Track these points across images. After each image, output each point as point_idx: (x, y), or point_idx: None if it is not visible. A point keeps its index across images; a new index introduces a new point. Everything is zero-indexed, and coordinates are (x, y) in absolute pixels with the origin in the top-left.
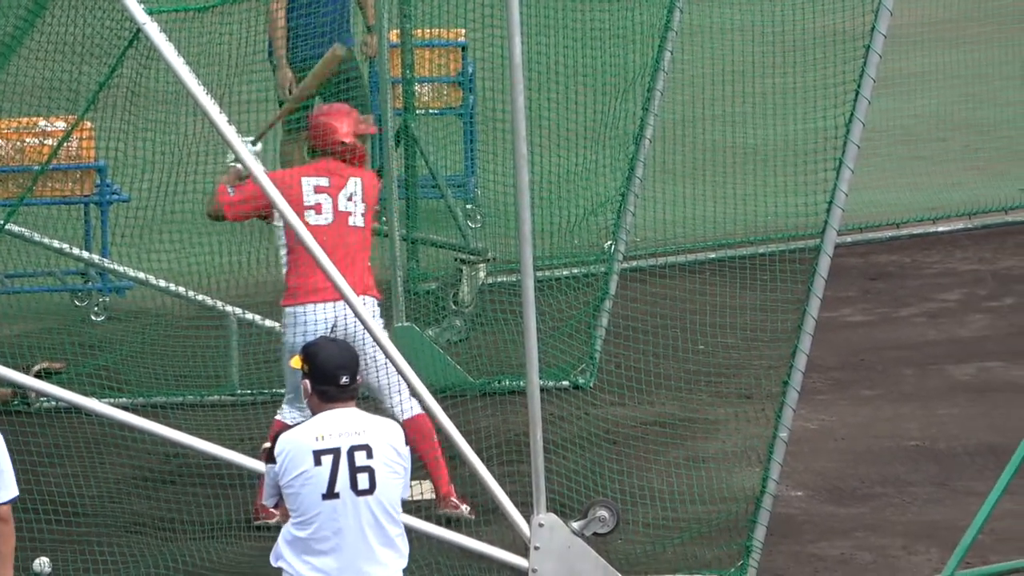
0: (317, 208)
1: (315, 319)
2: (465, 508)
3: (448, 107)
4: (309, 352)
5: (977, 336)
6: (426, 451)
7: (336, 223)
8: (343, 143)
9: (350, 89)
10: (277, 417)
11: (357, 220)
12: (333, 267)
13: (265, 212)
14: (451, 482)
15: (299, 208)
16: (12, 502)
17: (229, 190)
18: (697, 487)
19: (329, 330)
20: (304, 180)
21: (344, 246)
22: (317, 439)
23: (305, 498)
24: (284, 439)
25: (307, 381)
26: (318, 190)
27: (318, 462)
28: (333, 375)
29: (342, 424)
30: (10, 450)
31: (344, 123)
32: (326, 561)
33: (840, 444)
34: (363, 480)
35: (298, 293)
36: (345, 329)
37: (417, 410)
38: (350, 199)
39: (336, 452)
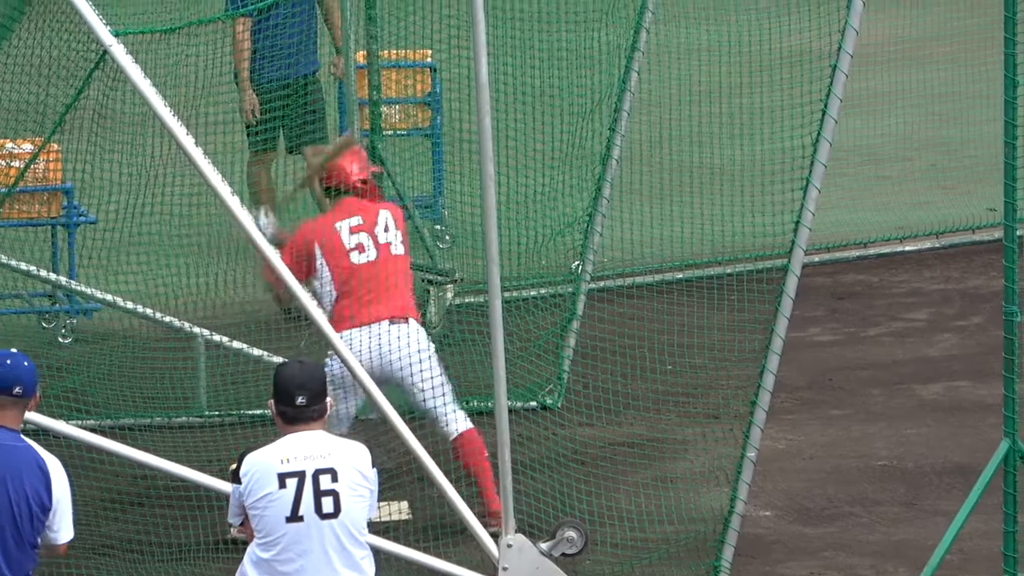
0: (360, 248)
1: (356, 344)
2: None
3: (415, 128)
4: (274, 373)
5: (945, 355)
6: (475, 467)
7: (381, 256)
8: (363, 181)
9: (315, 111)
10: None
11: (398, 248)
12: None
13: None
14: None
15: (343, 252)
16: (68, 543)
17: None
18: (665, 507)
19: (370, 356)
20: (338, 225)
21: (394, 275)
22: (282, 461)
23: (269, 520)
24: (249, 460)
25: (271, 402)
26: (354, 230)
27: (283, 484)
28: (290, 395)
29: (308, 447)
30: None
31: (355, 164)
32: None
33: (808, 464)
34: (328, 503)
35: (345, 320)
36: (385, 352)
37: (465, 425)
38: (386, 230)
39: (301, 475)
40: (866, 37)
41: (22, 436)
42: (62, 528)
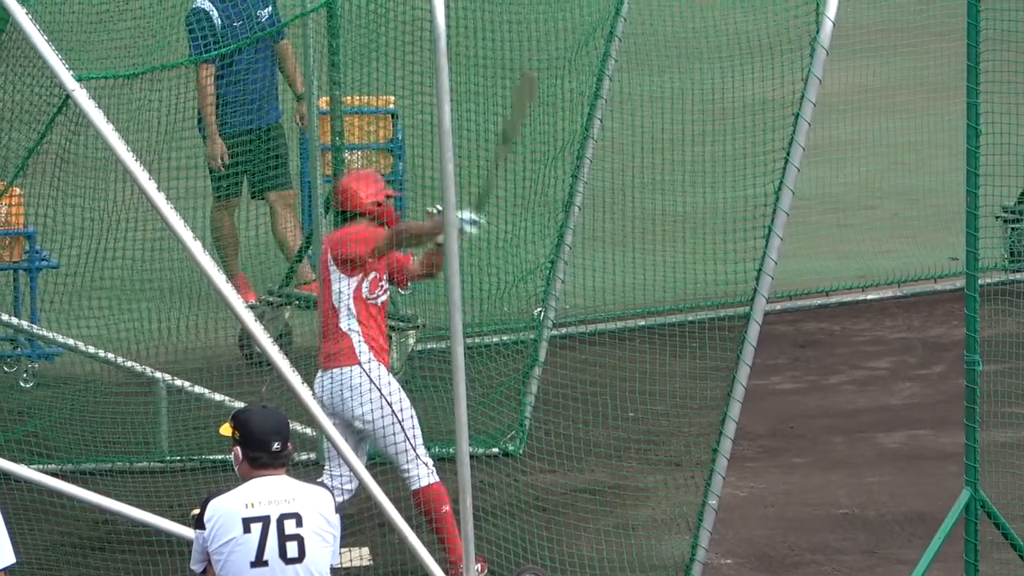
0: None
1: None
2: (477, 567)
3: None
4: (240, 419)
5: (906, 404)
6: (437, 520)
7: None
8: (378, 203)
9: (279, 157)
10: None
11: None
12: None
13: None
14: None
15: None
16: (8, 569)
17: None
18: (627, 555)
19: (325, 399)
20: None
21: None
22: (247, 506)
23: (233, 565)
24: (214, 505)
25: (238, 448)
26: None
27: (247, 529)
28: (264, 441)
29: (272, 492)
30: None
31: (371, 187)
32: None
33: (770, 511)
34: (292, 548)
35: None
36: (327, 399)
37: (428, 480)
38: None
39: (266, 520)
40: (829, 86)
41: None
42: (1, 555)
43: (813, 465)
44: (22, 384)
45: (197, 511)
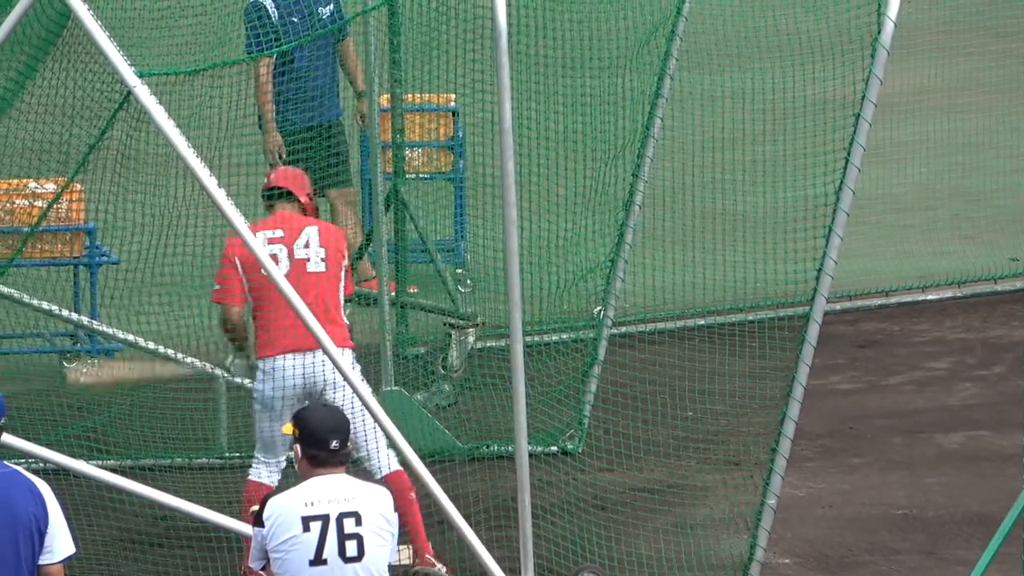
0: (273, 259)
1: (288, 371)
2: (441, 568)
3: (438, 172)
4: (300, 417)
5: (965, 404)
6: (402, 507)
7: (294, 271)
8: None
9: (339, 154)
10: (251, 478)
11: (318, 266)
12: (312, 317)
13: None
14: (428, 539)
15: (256, 265)
16: (66, 561)
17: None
18: (685, 554)
19: (302, 382)
20: (256, 235)
21: (303, 291)
22: (306, 505)
23: (292, 563)
24: (273, 504)
25: (298, 446)
26: (272, 241)
27: (307, 528)
28: (324, 439)
29: (332, 490)
30: None
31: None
32: None
33: (828, 512)
34: (351, 547)
35: (271, 345)
36: (315, 379)
37: (396, 466)
38: (306, 246)
39: (325, 519)
40: (890, 86)
41: (5, 463)
42: (60, 547)
43: (872, 465)
44: (81, 379)
45: (256, 508)
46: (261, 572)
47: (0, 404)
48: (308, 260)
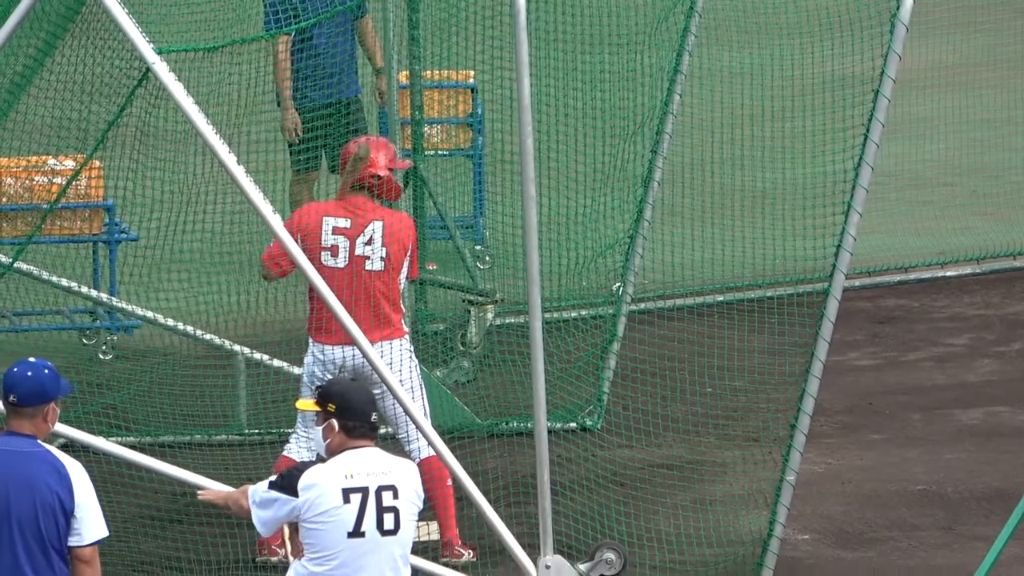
0: (333, 250)
1: (339, 361)
2: (469, 552)
3: (457, 148)
4: (334, 391)
5: (985, 381)
6: (438, 494)
7: (351, 266)
8: (377, 176)
9: (358, 131)
10: (285, 453)
11: (376, 264)
12: (347, 315)
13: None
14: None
15: (316, 249)
16: (97, 543)
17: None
18: (704, 530)
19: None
20: (325, 220)
21: (359, 289)
22: (346, 477)
23: (328, 535)
24: (312, 475)
25: (334, 420)
26: (336, 231)
27: (347, 500)
28: (364, 411)
29: (369, 463)
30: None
31: (381, 155)
32: None
33: (847, 488)
34: (389, 520)
35: (329, 334)
36: (368, 370)
37: (430, 451)
38: (368, 243)
39: (365, 491)
40: (909, 62)
41: (39, 442)
42: (89, 529)
43: (891, 441)
44: (101, 356)
45: (273, 478)
46: (272, 539)
47: (64, 384)
48: (368, 258)
